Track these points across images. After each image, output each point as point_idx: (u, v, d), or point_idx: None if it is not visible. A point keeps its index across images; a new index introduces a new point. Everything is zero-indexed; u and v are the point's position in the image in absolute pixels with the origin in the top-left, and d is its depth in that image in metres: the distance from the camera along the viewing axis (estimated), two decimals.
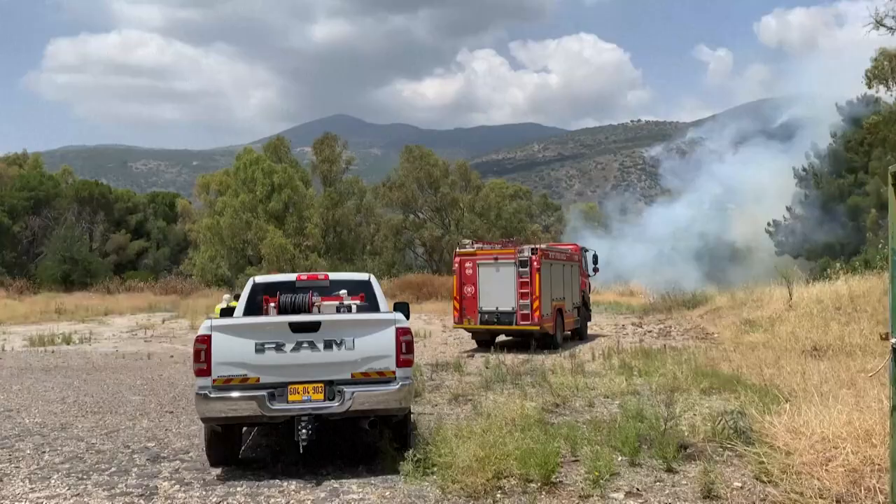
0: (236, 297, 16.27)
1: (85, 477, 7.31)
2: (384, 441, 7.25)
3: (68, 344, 20.88)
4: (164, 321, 28.48)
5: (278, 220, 50.62)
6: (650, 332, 22.64)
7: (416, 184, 56.23)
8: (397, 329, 6.86)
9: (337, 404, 6.69)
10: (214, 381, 6.67)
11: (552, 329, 18.60)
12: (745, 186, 69.98)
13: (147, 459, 7.99)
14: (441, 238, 55.21)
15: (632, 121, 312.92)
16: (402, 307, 8.61)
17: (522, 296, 17.79)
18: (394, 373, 6.81)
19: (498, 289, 18.04)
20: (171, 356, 18.22)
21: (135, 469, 7.63)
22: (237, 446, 7.53)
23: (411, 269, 53.44)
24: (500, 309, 18.01)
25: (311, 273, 9.65)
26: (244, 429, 8.04)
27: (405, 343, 6.85)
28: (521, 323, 17.84)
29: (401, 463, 6.85)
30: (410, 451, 6.90)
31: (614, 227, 65.48)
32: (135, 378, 14.56)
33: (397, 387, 6.79)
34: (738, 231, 66.30)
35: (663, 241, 61.50)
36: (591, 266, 23.96)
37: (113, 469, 7.65)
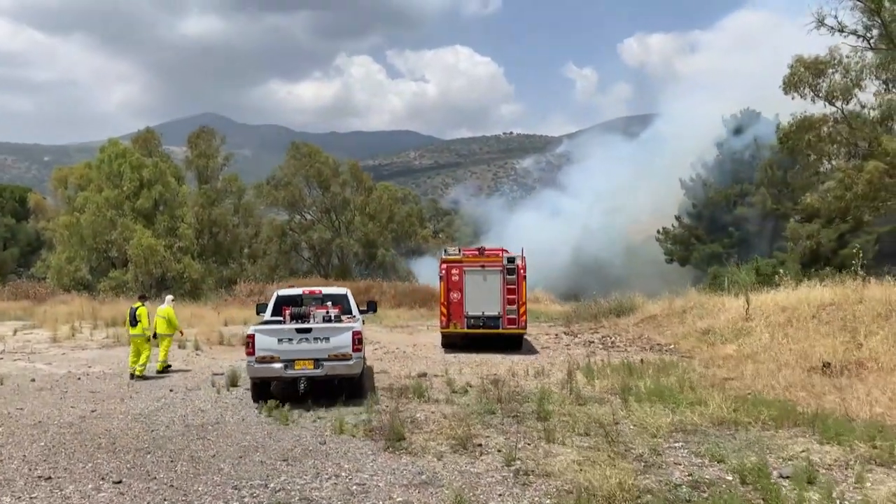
0: (141, 298, 15.90)
1: None
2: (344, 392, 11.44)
3: None
4: (16, 332, 23.59)
5: (147, 218, 45.50)
6: (591, 342, 20.59)
7: (304, 182, 52.40)
8: (353, 332, 11.35)
9: (320, 371, 11.20)
10: (256, 358, 11.14)
11: (524, 332, 19.06)
12: (622, 194, 70.97)
13: None
14: (331, 241, 51.61)
15: (504, 133, 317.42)
16: (371, 304, 15.02)
17: (510, 301, 18.21)
18: (351, 355, 11.22)
19: (484, 294, 18.27)
20: (33, 379, 14.23)
21: None
22: (269, 391, 11.70)
23: (297, 274, 49.64)
24: (487, 314, 18.29)
25: (311, 289, 14.61)
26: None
27: (357, 339, 11.34)
28: (508, 327, 18.26)
29: None
30: None
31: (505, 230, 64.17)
32: None
33: (352, 362, 11.25)
34: (625, 240, 66.86)
35: (550, 251, 60.82)
36: None
37: None
